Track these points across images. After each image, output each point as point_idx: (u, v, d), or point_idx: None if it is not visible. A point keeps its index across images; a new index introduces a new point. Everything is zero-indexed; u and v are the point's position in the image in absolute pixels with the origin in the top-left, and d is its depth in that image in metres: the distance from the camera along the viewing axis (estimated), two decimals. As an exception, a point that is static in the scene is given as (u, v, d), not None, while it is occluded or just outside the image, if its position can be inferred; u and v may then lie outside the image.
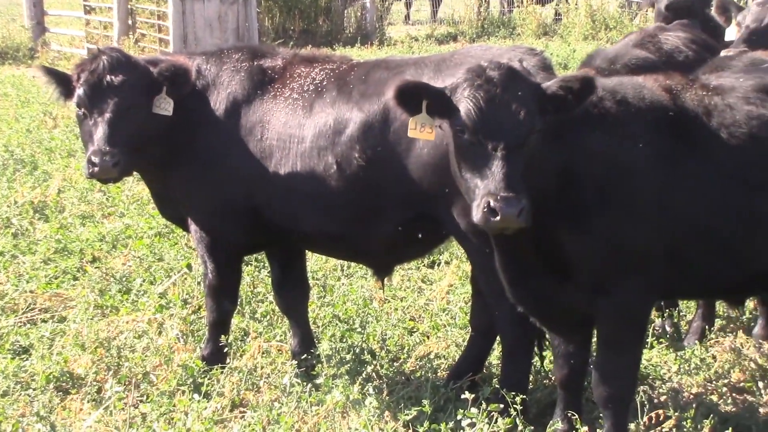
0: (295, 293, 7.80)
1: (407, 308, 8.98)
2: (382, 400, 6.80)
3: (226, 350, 7.46)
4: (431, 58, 6.95)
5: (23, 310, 8.84)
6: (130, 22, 24.32)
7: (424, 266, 10.24)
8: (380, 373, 7.41)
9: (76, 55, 23.19)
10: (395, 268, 7.90)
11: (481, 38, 29.12)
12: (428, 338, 8.28)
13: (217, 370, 7.34)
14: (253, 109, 7.14)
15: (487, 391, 6.70)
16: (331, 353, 7.34)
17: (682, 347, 7.98)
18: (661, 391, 7.28)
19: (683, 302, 8.81)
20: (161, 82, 7.09)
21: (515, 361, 6.80)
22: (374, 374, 7.27)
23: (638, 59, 8.23)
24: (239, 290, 7.81)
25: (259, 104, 7.14)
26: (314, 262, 9.82)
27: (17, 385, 7.30)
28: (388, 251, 7.12)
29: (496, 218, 5.27)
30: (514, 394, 6.36)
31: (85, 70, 7.06)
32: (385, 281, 7.93)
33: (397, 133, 6.58)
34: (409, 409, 6.62)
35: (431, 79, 6.42)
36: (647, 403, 6.63)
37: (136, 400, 7.06)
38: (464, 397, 6.35)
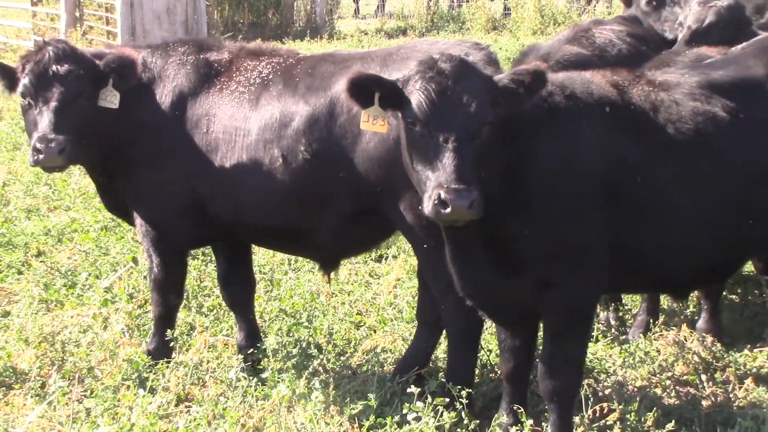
0: (241, 287, 7.78)
1: (354, 302, 8.99)
2: (328, 394, 6.79)
3: (171, 344, 7.44)
4: (378, 52, 6.96)
5: (-33, 304, 8.75)
6: (77, 14, 24.10)
7: (371, 260, 10.25)
8: (327, 367, 7.39)
9: (22, 47, 22.90)
10: (342, 262, 7.88)
11: (430, 32, 29.11)
12: (375, 332, 8.29)
13: (162, 364, 7.29)
14: (199, 102, 7.11)
15: (433, 384, 6.70)
16: (277, 347, 7.32)
17: (626, 341, 8.06)
18: (605, 384, 7.33)
19: (628, 296, 8.87)
20: (107, 74, 7.05)
21: (461, 354, 6.81)
22: (321, 368, 7.26)
23: (571, 55, 8.23)
24: (185, 284, 7.77)
25: (205, 97, 7.12)
26: (261, 256, 9.79)
27: (-41, 380, 7.23)
28: (334, 245, 7.11)
29: (446, 210, 5.28)
30: (459, 387, 6.38)
31: (30, 60, 7.02)
32: (332, 275, 7.93)
33: (343, 126, 6.58)
34: (355, 403, 6.60)
35: (378, 72, 6.40)
36: (592, 396, 6.69)
37: (80, 395, 7.02)
38: (410, 390, 6.38)
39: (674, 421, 6.45)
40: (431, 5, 31.96)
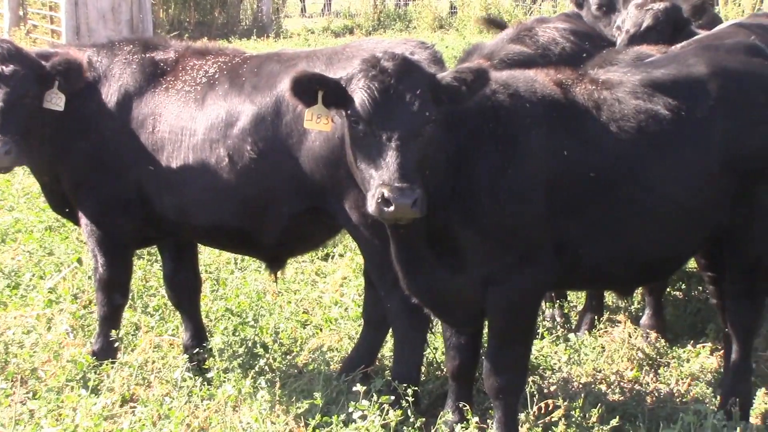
0: (187, 287, 7.76)
1: (301, 301, 8.99)
2: (274, 393, 6.77)
3: (116, 345, 7.40)
4: (323, 51, 6.96)
5: None
6: (21, 12, 23.89)
7: (318, 259, 10.25)
8: (273, 366, 7.38)
9: (-36, 46, 22.66)
10: (289, 260, 7.88)
11: (377, 31, 29.18)
12: (321, 331, 8.29)
13: (107, 365, 7.24)
14: (144, 101, 7.08)
15: (379, 382, 6.71)
16: (223, 347, 7.31)
17: (571, 337, 8.10)
18: (551, 381, 7.38)
19: (573, 293, 8.93)
20: (53, 76, 6.98)
21: (407, 352, 6.82)
22: (267, 367, 7.23)
23: (514, 54, 8.25)
24: (131, 284, 7.72)
25: (150, 97, 7.09)
26: (207, 255, 9.76)
27: None
28: (280, 244, 7.10)
29: (390, 208, 5.29)
30: (405, 385, 6.40)
31: (-27, 61, 6.93)
32: (278, 274, 7.91)
33: (288, 125, 6.58)
34: (301, 402, 6.60)
35: (323, 71, 6.39)
36: (537, 393, 6.72)
37: (23, 396, 6.97)
38: (356, 389, 6.37)
39: (618, 416, 6.54)
40: (378, 4, 31.97)
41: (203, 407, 6.66)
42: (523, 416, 6.48)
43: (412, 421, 6.27)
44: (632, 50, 7.90)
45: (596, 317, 8.31)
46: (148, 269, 9.41)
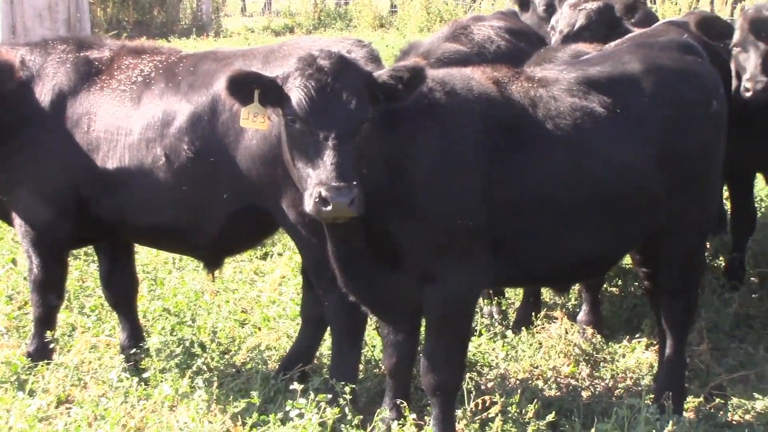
0: (124, 287, 7.71)
1: (239, 300, 8.97)
2: (211, 392, 6.75)
3: (52, 346, 7.33)
4: (260, 49, 6.96)
5: None
6: (-45, 11, 23.57)
7: (256, 258, 10.23)
8: (210, 365, 7.35)
9: None
10: (227, 259, 7.86)
11: (317, 30, 29.10)
12: (259, 330, 8.26)
13: (42, 366, 7.18)
14: (79, 101, 7.02)
15: (317, 381, 6.71)
16: (160, 347, 7.25)
17: (509, 334, 8.13)
18: (488, 377, 7.42)
19: (510, 289, 8.97)
20: None
21: (345, 350, 6.82)
22: (204, 367, 7.21)
23: (450, 52, 8.29)
24: (66, 284, 7.66)
25: (85, 96, 7.03)
26: (145, 255, 9.70)
27: None
28: (218, 243, 7.08)
29: (327, 208, 5.31)
30: (343, 383, 6.39)
31: None
32: (216, 273, 7.90)
33: (225, 124, 6.57)
34: (238, 401, 6.59)
35: (260, 70, 6.38)
36: (474, 389, 6.75)
37: (-43, 399, 6.89)
38: (293, 387, 6.36)
39: (554, 412, 6.59)
40: (318, 3, 31.91)
41: (140, 407, 6.62)
42: (460, 413, 6.51)
43: (349, 418, 6.27)
44: (569, 48, 7.96)
45: (533, 313, 8.35)
46: (84, 269, 9.34)
